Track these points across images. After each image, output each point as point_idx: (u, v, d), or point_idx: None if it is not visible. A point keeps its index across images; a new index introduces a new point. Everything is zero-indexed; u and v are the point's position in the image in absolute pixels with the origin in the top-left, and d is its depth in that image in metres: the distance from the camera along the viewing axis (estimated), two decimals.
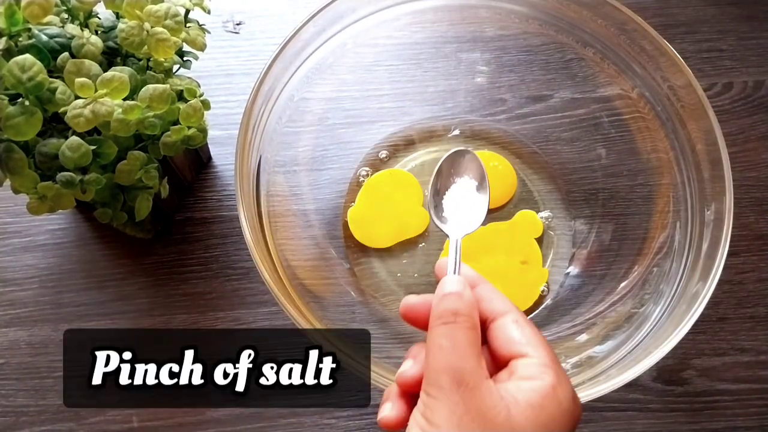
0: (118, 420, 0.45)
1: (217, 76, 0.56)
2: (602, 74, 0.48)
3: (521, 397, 0.25)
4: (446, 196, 0.38)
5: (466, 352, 0.26)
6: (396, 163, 0.53)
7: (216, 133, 0.54)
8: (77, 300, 0.49)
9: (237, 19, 0.59)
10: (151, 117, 0.39)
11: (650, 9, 0.61)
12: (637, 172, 0.48)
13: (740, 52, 0.59)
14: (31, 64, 0.34)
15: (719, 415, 0.46)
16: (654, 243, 0.44)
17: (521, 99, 0.54)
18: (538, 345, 0.27)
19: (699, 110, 0.41)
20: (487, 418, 0.25)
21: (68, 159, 0.36)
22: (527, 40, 0.50)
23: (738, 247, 0.51)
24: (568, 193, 0.52)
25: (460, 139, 0.54)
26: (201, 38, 0.42)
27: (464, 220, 0.36)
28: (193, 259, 0.50)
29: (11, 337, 0.47)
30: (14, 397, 0.46)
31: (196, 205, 0.52)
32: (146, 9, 0.38)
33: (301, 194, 0.48)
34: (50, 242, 0.50)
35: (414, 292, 0.48)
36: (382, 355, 0.41)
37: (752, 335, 0.49)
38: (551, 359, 0.27)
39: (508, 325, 0.28)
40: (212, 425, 0.45)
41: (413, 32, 0.50)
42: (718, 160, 0.40)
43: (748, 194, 0.54)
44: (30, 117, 0.35)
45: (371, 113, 0.54)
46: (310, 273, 0.44)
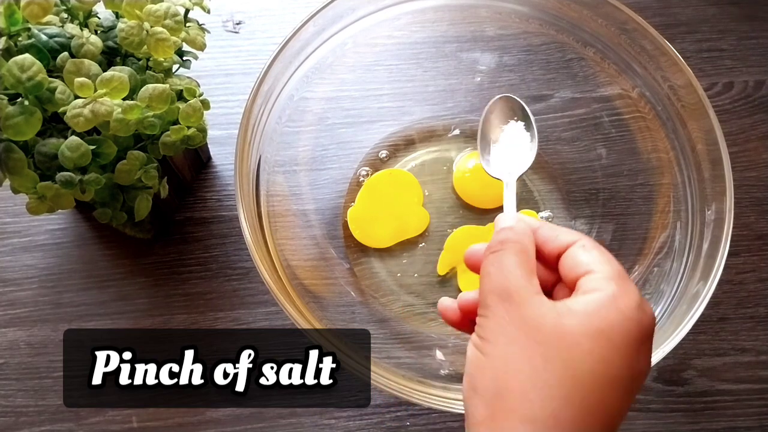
0: (118, 420, 0.45)
1: (217, 76, 0.56)
2: (602, 74, 0.48)
3: (576, 307, 0.25)
4: (495, 144, 0.39)
5: (512, 272, 0.27)
6: (396, 163, 0.53)
7: (216, 133, 0.54)
8: (77, 300, 0.48)
9: (237, 19, 0.59)
10: (150, 117, 0.38)
11: (651, 9, 0.61)
12: (638, 171, 0.47)
13: (741, 51, 0.59)
14: (30, 64, 0.34)
15: (719, 416, 0.46)
16: (654, 243, 0.44)
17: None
18: (604, 262, 0.27)
19: (699, 110, 0.41)
20: (532, 325, 0.25)
21: (68, 159, 0.36)
22: (527, 39, 0.50)
23: (738, 247, 0.51)
24: (568, 193, 0.52)
25: (461, 139, 0.54)
26: (201, 38, 0.42)
27: (515, 162, 0.37)
28: (193, 259, 0.50)
29: (11, 337, 0.47)
30: (14, 397, 0.46)
31: (195, 205, 0.52)
32: (146, 9, 0.38)
33: (301, 194, 0.48)
34: (50, 242, 0.50)
35: (414, 292, 0.48)
36: (382, 355, 0.41)
37: (753, 335, 0.49)
38: (617, 273, 0.26)
39: (575, 251, 0.28)
40: (212, 425, 0.45)
41: (413, 32, 0.50)
42: (718, 159, 0.40)
43: (748, 194, 0.53)
44: (29, 117, 0.35)
45: (371, 113, 0.54)
46: (310, 273, 0.44)
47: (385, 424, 0.45)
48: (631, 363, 0.24)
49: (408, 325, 0.47)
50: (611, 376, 0.24)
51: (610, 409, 0.24)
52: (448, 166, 0.53)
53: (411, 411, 0.46)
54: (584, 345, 0.24)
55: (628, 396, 0.25)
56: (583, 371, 0.24)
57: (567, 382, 0.24)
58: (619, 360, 0.24)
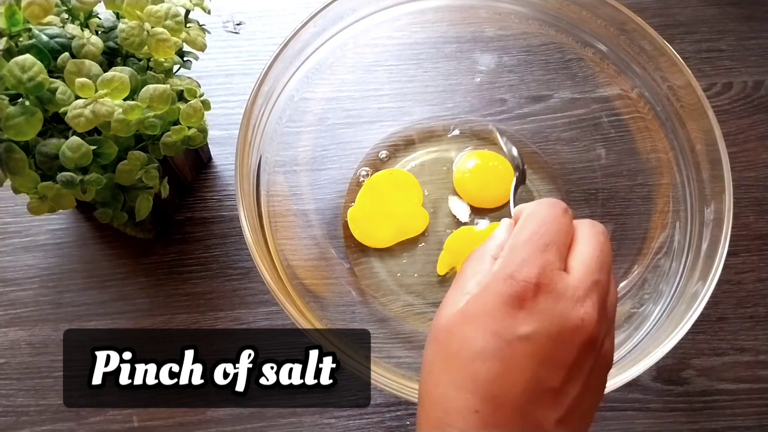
0: (118, 420, 0.45)
1: (217, 76, 0.56)
2: (602, 74, 0.48)
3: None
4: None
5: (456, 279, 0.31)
6: (396, 163, 0.53)
7: (216, 133, 0.54)
8: (77, 300, 0.49)
9: (237, 19, 0.59)
10: (151, 117, 0.39)
11: (650, 9, 0.61)
12: (637, 172, 0.48)
13: (740, 52, 0.59)
14: (31, 65, 0.34)
15: (719, 415, 0.46)
16: (653, 243, 0.44)
17: (521, 99, 0.54)
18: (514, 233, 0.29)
19: (698, 110, 0.42)
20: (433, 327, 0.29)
21: (68, 159, 0.36)
22: (527, 40, 0.50)
23: (737, 246, 0.52)
24: (567, 193, 0.52)
25: (460, 139, 0.54)
26: (201, 38, 0.42)
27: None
28: (193, 259, 0.50)
29: (11, 337, 0.47)
30: (14, 396, 0.46)
31: (196, 205, 0.52)
32: (146, 9, 0.38)
33: (301, 194, 0.48)
34: (50, 242, 0.50)
35: (414, 292, 0.49)
36: (382, 355, 0.42)
37: (752, 335, 0.49)
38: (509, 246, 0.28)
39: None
40: (212, 425, 0.45)
41: (413, 32, 0.50)
42: (717, 160, 0.40)
43: (747, 194, 0.54)
44: (30, 117, 0.35)
45: (371, 113, 0.54)
46: (310, 273, 0.45)
47: (385, 423, 0.46)
48: (497, 330, 0.25)
49: (408, 325, 0.47)
50: (477, 349, 0.25)
51: (488, 377, 0.25)
52: (448, 166, 0.53)
53: (411, 410, 0.46)
54: (454, 331, 0.26)
55: (512, 360, 0.25)
56: (451, 353, 0.26)
57: (445, 365, 0.26)
58: (481, 333, 0.25)
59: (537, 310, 0.25)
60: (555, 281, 0.26)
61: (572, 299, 0.26)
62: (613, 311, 0.28)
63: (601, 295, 0.27)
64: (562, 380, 0.25)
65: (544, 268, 0.26)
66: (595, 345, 0.26)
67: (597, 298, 0.26)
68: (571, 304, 0.25)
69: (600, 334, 0.26)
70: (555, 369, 0.25)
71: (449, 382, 0.25)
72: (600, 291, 0.27)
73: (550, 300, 0.25)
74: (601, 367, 0.27)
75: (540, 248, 0.27)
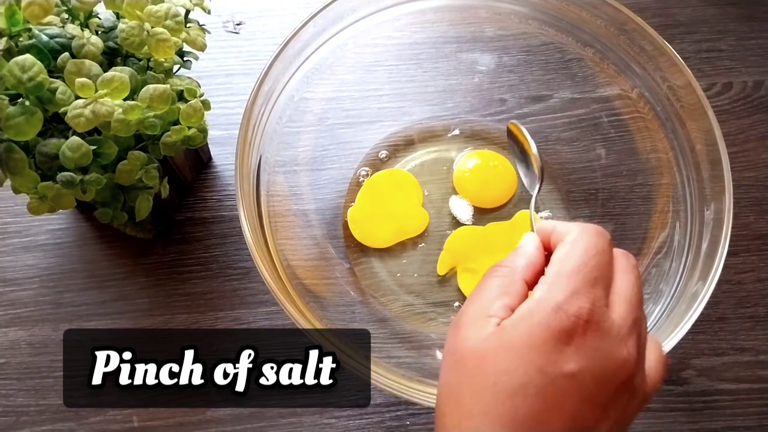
0: (118, 420, 0.45)
1: (217, 76, 0.56)
2: (602, 74, 0.48)
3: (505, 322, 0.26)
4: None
5: (474, 299, 0.28)
6: (396, 163, 0.53)
7: (216, 133, 0.54)
8: (77, 300, 0.49)
9: (237, 19, 0.59)
10: (151, 117, 0.39)
11: (650, 9, 0.61)
12: (637, 172, 0.48)
13: (740, 52, 0.59)
14: (31, 65, 0.34)
15: (719, 415, 0.46)
16: (653, 243, 0.44)
17: (521, 99, 0.54)
18: (555, 261, 0.28)
19: (698, 110, 0.42)
20: (453, 350, 0.27)
21: (68, 159, 0.36)
22: (527, 40, 0.50)
23: (737, 246, 0.52)
24: (567, 193, 0.52)
25: (460, 139, 0.54)
26: (201, 38, 0.42)
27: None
28: (193, 259, 0.50)
29: (11, 337, 0.47)
30: (15, 396, 0.46)
31: (196, 205, 0.52)
32: (146, 9, 0.38)
33: (301, 194, 0.48)
34: (50, 242, 0.50)
35: (414, 292, 0.49)
36: (382, 355, 0.42)
37: (752, 335, 0.49)
38: (555, 273, 0.27)
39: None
40: (212, 425, 0.45)
41: (413, 32, 0.50)
42: (717, 160, 0.40)
43: (747, 194, 0.54)
44: (30, 117, 0.35)
45: (371, 113, 0.54)
46: (310, 273, 0.45)
47: (385, 423, 0.46)
48: (542, 366, 0.24)
49: (408, 325, 0.47)
50: (518, 384, 0.24)
51: (528, 415, 0.24)
52: (448, 166, 0.53)
53: (411, 410, 0.46)
54: (489, 359, 0.25)
55: (555, 397, 0.24)
56: (486, 385, 0.24)
57: (478, 397, 0.24)
58: (524, 366, 0.24)
59: (585, 347, 0.24)
60: (603, 318, 0.25)
61: (617, 338, 0.25)
62: (645, 342, 0.28)
63: (639, 333, 0.26)
64: (597, 418, 0.25)
65: (594, 303, 0.25)
66: (632, 383, 0.26)
67: (637, 337, 0.26)
68: (616, 343, 0.25)
69: (639, 372, 0.26)
70: (593, 408, 0.24)
71: (483, 416, 0.24)
72: (639, 328, 0.26)
73: (597, 338, 0.25)
74: (636, 401, 0.27)
75: (590, 282, 0.26)
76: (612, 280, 0.27)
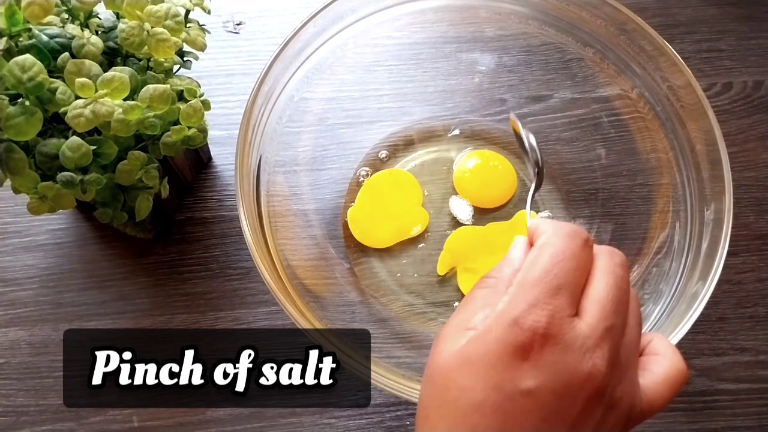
0: (118, 420, 0.45)
1: (217, 76, 0.56)
2: (602, 74, 0.48)
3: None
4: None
5: (457, 312, 0.28)
6: (396, 163, 0.53)
7: (216, 133, 0.54)
8: (77, 300, 0.49)
9: (237, 19, 0.59)
10: (151, 117, 0.39)
11: (650, 9, 0.61)
12: (637, 172, 0.48)
13: (740, 52, 0.59)
14: (31, 65, 0.34)
15: (719, 415, 0.46)
16: (653, 243, 0.44)
17: (521, 99, 0.54)
18: (521, 269, 0.27)
19: (698, 110, 0.42)
20: (429, 365, 0.27)
21: (68, 159, 0.36)
22: (527, 40, 0.50)
23: (737, 246, 0.52)
24: (567, 193, 0.52)
25: (460, 139, 0.54)
26: (201, 38, 0.42)
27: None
28: (193, 259, 0.50)
29: (11, 337, 0.47)
30: (14, 396, 0.46)
31: (196, 205, 0.52)
32: (146, 9, 0.38)
33: (301, 194, 0.48)
34: (50, 242, 0.50)
35: (414, 292, 0.49)
36: (382, 355, 0.41)
37: (752, 335, 0.49)
38: (518, 281, 0.26)
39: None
40: (212, 425, 0.45)
41: (413, 32, 0.50)
42: (717, 160, 0.40)
43: (747, 194, 0.54)
44: (30, 117, 0.35)
45: (371, 113, 0.54)
46: (310, 273, 0.45)
47: (385, 423, 0.46)
48: (498, 383, 0.23)
49: (408, 325, 0.47)
50: (476, 402, 0.24)
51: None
52: (448, 166, 0.53)
53: (411, 410, 0.46)
54: (453, 375, 0.24)
55: (513, 416, 0.23)
56: (449, 401, 0.24)
57: (443, 413, 0.24)
58: (481, 383, 0.24)
59: (542, 362, 0.23)
60: (564, 331, 0.24)
61: (581, 350, 0.24)
62: (633, 350, 0.26)
63: (613, 342, 0.25)
64: None
65: (553, 315, 0.24)
66: (603, 396, 0.24)
67: (608, 347, 0.24)
68: (580, 356, 0.24)
69: (609, 384, 0.24)
70: (558, 424, 0.23)
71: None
72: (613, 337, 0.25)
73: (557, 352, 0.23)
74: (615, 415, 0.25)
75: (551, 291, 0.24)
76: (587, 284, 0.26)
